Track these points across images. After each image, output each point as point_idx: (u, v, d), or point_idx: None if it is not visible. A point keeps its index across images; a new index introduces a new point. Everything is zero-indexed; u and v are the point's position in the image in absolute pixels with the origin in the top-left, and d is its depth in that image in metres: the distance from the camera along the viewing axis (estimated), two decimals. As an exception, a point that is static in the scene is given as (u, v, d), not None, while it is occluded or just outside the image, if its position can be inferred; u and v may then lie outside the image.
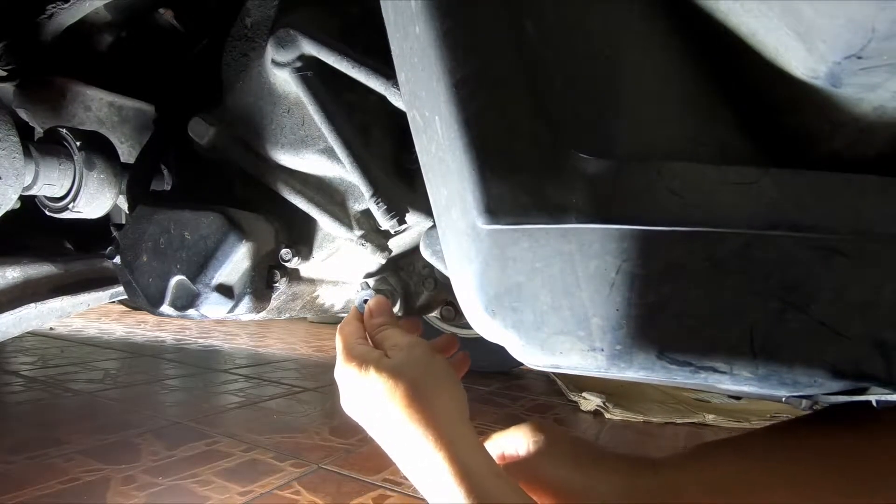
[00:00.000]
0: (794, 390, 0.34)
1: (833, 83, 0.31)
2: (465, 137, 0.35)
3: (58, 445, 0.93)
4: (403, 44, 0.41)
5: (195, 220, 0.63)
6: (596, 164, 0.33)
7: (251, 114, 0.65)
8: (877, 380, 0.31)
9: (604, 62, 0.35)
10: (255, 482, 0.84)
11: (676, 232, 0.32)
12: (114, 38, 0.79)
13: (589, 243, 0.33)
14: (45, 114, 0.77)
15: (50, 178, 0.67)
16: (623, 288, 0.33)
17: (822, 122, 0.34)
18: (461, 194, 0.37)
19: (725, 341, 0.33)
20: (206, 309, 0.63)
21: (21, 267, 0.74)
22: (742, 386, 0.34)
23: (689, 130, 0.36)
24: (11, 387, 1.30)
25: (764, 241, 0.32)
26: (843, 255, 0.31)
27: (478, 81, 0.36)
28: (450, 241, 0.40)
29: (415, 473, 0.41)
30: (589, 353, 0.35)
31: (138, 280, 0.65)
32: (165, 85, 0.79)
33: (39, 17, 0.69)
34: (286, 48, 0.59)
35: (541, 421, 0.51)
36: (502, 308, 0.37)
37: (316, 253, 0.69)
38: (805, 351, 0.32)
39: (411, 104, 0.42)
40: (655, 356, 0.34)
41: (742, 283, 0.32)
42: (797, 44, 0.30)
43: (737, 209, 0.32)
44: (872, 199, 0.31)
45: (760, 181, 0.32)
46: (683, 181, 0.32)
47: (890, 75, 0.29)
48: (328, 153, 0.63)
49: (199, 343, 2.15)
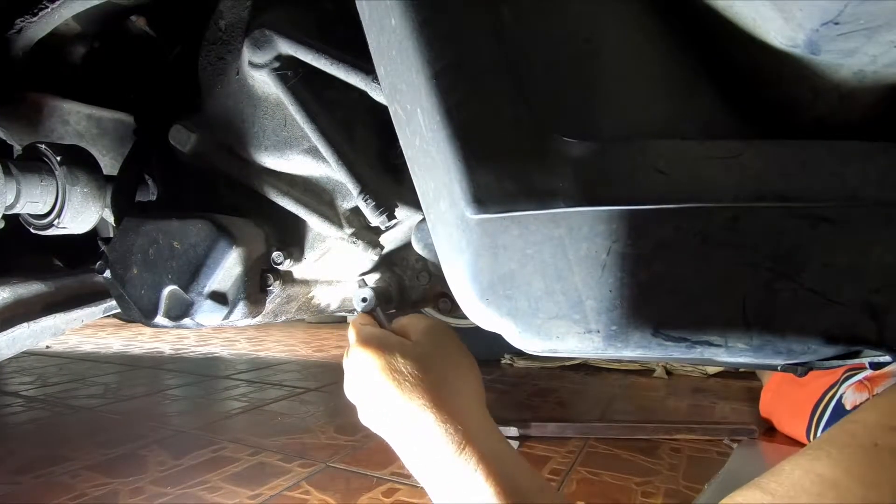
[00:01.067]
0: (789, 358, 0.34)
1: (812, 50, 0.31)
2: (449, 128, 0.35)
3: (63, 463, 0.93)
4: (380, 37, 0.40)
5: (183, 228, 0.62)
6: (580, 147, 0.33)
7: (232, 118, 0.64)
8: (869, 342, 0.32)
9: (583, 45, 0.35)
10: (263, 485, 0.84)
11: (664, 210, 0.32)
12: (87, 50, 0.77)
13: (578, 227, 0.33)
14: (23, 130, 0.76)
15: (32, 196, 0.66)
16: (615, 269, 0.33)
17: (803, 91, 0.34)
18: (448, 186, 0.36)
19: (719, 314, 0.33)
20: (201, 317, 0.62)
21: (10, 287, 0.73)
22: (738, 357, 0.34)
23: (671, 108, 0.36)
24: (12, 407, 1.30)
25: (751, 213, 0.32)
26: (830, 221, 0.31)
27: (457, 71, 0.35)
28: (440, 233, 0.40)
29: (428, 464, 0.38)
30: (585, 335, 0.36)
31: (130, 293, 0.64)
32: (143, 94, 0.78)
33: (8, 33, 0.68)
34: (263, 49, 0.58)
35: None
36: (496, 296, 0.37)
37: (308, 254, 0.69)
38: (797, 319, 0.32)
39: (392, 98, 0.42)
40: (651, 334, 0.34)
41: (732, 256, 0.32)
42: (774, 13, 0.30)
43: (723, 183, 0.32)
44: (856, 165, 0.32)
45: (744, 154, 0.32)
46: (668, 159, 0.32)
47: (867, 39, 0.29)
48: (313, 153, 0.62)
49: (198, 351, 2.14)
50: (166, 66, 0.75)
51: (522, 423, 1.09)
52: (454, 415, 0.37)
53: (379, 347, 0.40)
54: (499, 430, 0.39)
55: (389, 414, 0.39)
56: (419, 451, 0.38)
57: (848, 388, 1.00)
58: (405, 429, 0.39)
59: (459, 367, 0.41)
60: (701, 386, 1.59)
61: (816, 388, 1.06)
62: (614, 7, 0.35)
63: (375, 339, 0.41)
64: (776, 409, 1.17)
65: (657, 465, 0.97)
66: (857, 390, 0.99)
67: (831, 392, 1.03)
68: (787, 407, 1.13)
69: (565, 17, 0.35)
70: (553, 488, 0.37)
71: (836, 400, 1.01)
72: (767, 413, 1.20)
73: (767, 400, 1.21)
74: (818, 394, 1.05)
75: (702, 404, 1.39)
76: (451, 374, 0.39)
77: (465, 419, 0.37)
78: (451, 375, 0.39)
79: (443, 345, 0.41)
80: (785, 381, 1.16)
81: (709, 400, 1.43)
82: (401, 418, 0.38)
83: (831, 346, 0.32)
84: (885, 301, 0.31)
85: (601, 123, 0.34)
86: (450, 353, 0.41)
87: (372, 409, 0.41)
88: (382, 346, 0.40)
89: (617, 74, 0.35)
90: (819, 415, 1.03)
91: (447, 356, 0.41)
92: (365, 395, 0.41)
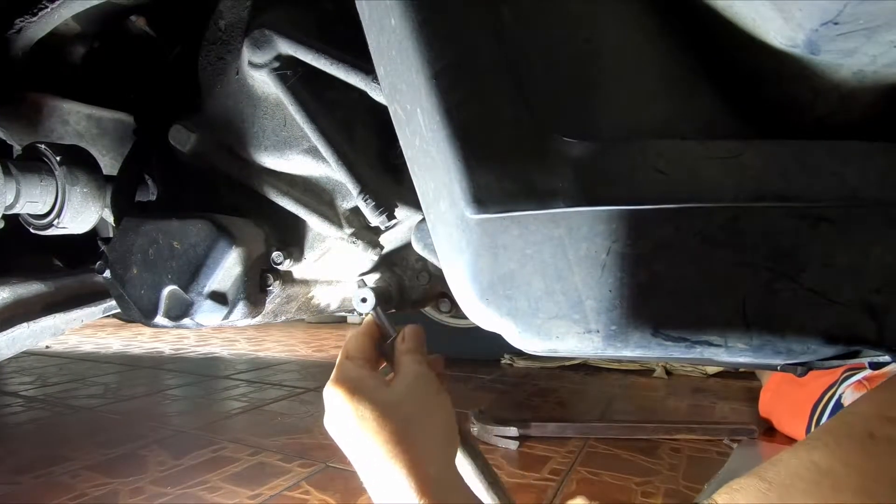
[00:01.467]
0: (789, 358, 0.34)
1: (812, 50, 0.31)
2: (448, 128, 0.35)
3: (63, 463, 0.93)
4: (380, 37, 0.40)
5: (183, 228, 0.62)
6: (580, 147, 0.33)
7: (232, 118, 0.64)
8: (868, 342, 0.32)
9: (583, 45, 0.35)
10: (263, 485, 0.84)
11: (664, 210, 0.32)
12: (87, 50, 0.77)
13: (578, 227, 0.33)
14: (22, 130, 0.75)
15: (32, 196, 0.66)
16: (614, 269, 0.33)
17: (803, 91, 0.34)
18: (448, 186, 0.36)
19: (719, 314, 0.33)
20: (201, 317, 0.62)
21: (10, 287, 0.73)
22: (737, 357, 0.34)
23: (671, 108, 0.36)
24: (12, 408, 1.30)
25: (751, 213, 0.32)
26: (830, 221, 0.31)
27: (457, 71, 0.35)
28: (440, 233, 0.40)
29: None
30: (585, 335, 0.36)
31: (130, 293, 0.64)
32: (143, 94, 0.78)
33: (8, 33, 0.68)
34: (262, 49, 0.58)
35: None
36: (496, 297, 0.37)
37: (307, 254, 0.69)
38: (797, 319, 0.32)
39: (392, 98, 0.42)
40: (651, 334, 0.34)
41: (732, 256, 0.32)
42: (773, 13, 0.30)
43: (722, 183, 0.32)
44: (856, 165, 0.32)
45: (744, 154, 0.32)
46: (668, 159, 0.32)
47: (867, 39, 0.29)
48: (313, 153, 0.62)
49: (198, 351, 2.14)
50: (166, 66, 0.75)
51: (522, 422, 1.09)
52: (415, 465, 0.38)
53: (350, 390, 0.41)
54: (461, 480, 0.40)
55: (352, 455, 0.41)
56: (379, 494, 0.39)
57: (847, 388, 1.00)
58: (366, 472, 0.40)
59: (431, 415, 0.41)
60: (701, 386, 1.59)
61: (816, 388, 1.06)
62: (614, 7, 0.35)
63: (349, 381, 0.42)
64: (776, 408, 1.17)
65: (657, 465, 0.97)
66: (856, 390, 0.99)
67: (830, 392, 1.03)
68: (787, 407, 1.13)
69: (565, 17, 0.35)
70: None
71: (835, 400, 1.01)
72: (767, 413, 1.20)
73: (767, 400, 1.21)
74: (817, 394, 1.05)
75: (702, 404, 1.39)
76: (419, 423, 0.40)
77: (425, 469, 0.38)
78: (419, 426, 0.40)
79: (418, 394, 0.42)
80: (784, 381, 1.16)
81: (708, 400, 1.43)
82: (362, 461, 0.40)
83: (831, 345, 0.32)
84: (885, 301, 0.31)
85: (601, 123, 0.34)
86: (424, 402, 0.42)
87: (341, 445, 0.42)
88: (353, 389, 0.41)
89: (617, 74, 0.35)
90: (818, 414, 1.03)
91: (422, 405, 0.41)
92: (334, 432, 0.42)
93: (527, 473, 0.92)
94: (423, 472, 0.37)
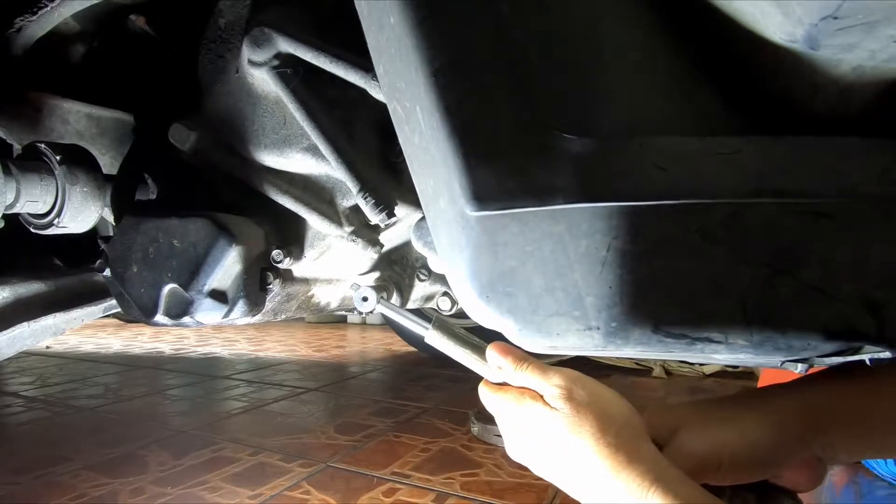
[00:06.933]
0: (789, 355, 0.34)
1: (811, 46, 0.31)
2: (448, 126, 0.35)
3: (63, 463, 0.92)
4: (379, 35, 0.40)
5: (183, 227, 0.62)
6: (580, 144, 0.33)
7: (232, 116, 0.64)
8: (869, 338, 0.32)
9: (582, 41, 0.35)
10: (264, 485, 0.84)
11: (664, 206, 0.32)
12: (86, 49, 0.77)
13: (578, 223, 0.33)
14: (22, 130, 0.76)
15: (32, 195, 0.66)
16: (615, 265, 0.33)
17: (803, 86, 0.34)
18: (448, 183, 0.36)
19: (719, 311, 0.33)
20: (201, 315, 0.63)
21: (10, 286, 0.73)
22: (738, 354, 0.34)
23: (671, 104, 0.36)
24: (12, 408, 1.29)
25: (750, 209, 0.32)
26: (830, 217, 0.31)
27: (457, 68, 0.35)
28: (440, 230, 0.40)
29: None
30: (585, 332, 0.35)
31: (130, 291, 0.64)
32: (143, 92, 0.78)
33: (8, 32, 0.68)
34: (262, 47, 0.58)
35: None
36: (496, 294, 0.37)
37: (307, 252, 0.69)
38: (798, 315, 0.32)
39: (391, 96, 0.42)
40: (651, 331, 0.34)
41: (732, 253, 0.32)
42: (773, 9, 0.30)
43: (722, 179, 0.32)
44: (856, 161, 0.32)
45: (744, 150, 0.32)
46: (668, 155, 0.32)
47: (866, 34, 0.29)
48: (312, 151, 0.62)
49: (198, 351, 2.14)
50: (166, 65, 0.75)
51: (522, 422, 1.09)
52: (636, 460, 0.36)
53: (541, 400, 0.38)
54: (665, 459, 0.37)
55: (568, 468, 0.38)
56: (609, 499, 0.37)
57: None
58: (584, 482, 0.37)
59: (620, 407, 0.39)
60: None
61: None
62: (614, 4, 0.35)
63: (529, 395, 0.39)
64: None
65: (657, 463, 0.96)
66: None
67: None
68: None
69: (565, 13, 0.35)
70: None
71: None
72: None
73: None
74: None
75: (702, 403, 1.39)
76: (621, 420, 0.38)
77: (642, 459, 0.36)
78: (621, 421, 0.38)
79: (596, 392, 0.39)
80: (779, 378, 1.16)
81: (709, 399, 1.43)
82: (591, 476, 0.37)
83: (831, 342, 0.32)
84: (885, 297, 0.31)
85: (601, 120, 0.34)
86: (605, 397, 0.40)
87: (548, 465, 0.39)
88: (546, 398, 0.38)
89: (616, 71, 0.35)
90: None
91: (607, 403, 0.39)
92: (536, 452, 0.39)
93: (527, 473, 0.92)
94: (642, 460, 0.35)
